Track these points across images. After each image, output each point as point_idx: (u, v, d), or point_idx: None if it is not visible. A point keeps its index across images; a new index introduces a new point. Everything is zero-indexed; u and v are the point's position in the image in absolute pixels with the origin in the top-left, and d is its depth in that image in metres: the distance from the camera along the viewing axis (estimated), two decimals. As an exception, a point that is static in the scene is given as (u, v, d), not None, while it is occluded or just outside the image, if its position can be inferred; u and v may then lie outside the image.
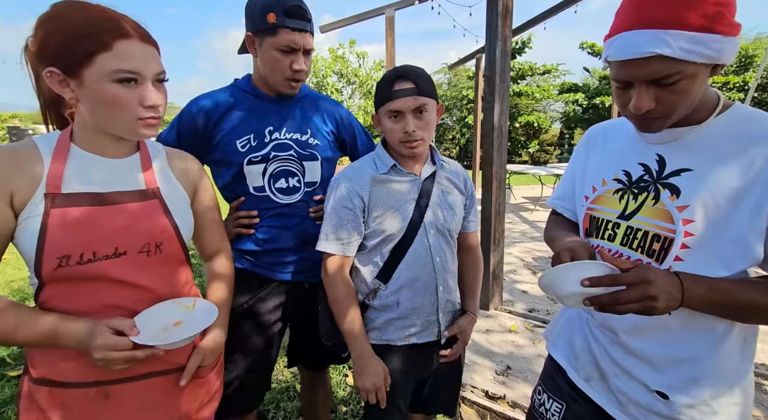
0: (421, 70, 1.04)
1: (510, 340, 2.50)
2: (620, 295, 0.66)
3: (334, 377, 2.20)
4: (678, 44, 0.64)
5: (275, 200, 1.22)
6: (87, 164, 0.79)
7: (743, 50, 14.33)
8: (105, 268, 0.77)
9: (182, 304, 0.86)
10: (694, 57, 0.64)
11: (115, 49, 0.73)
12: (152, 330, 0.79)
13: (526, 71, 16.48)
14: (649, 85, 0.69)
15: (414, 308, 1.10)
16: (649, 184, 0.78)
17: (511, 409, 1.89)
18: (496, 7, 2.52)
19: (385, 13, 4.78)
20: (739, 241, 0.69)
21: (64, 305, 0.77)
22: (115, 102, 0.74)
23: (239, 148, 1.16)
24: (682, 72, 0.66)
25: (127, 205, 0.80)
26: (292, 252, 1.26)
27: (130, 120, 0.77)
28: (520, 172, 7.82)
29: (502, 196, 2.81)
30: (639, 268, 0.68)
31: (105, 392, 0.80)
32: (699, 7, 0.63)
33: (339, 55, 12.35)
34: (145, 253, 0.82)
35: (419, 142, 1.04)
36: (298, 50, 1.12)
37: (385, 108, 1.03)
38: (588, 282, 0.69)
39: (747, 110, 0.73)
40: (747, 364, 0.78)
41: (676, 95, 0.68)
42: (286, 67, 1.13)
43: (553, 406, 0.97)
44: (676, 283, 0.67)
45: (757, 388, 1.97)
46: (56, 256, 0.72)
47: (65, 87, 0.75)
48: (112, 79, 0.73)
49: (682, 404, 0.77)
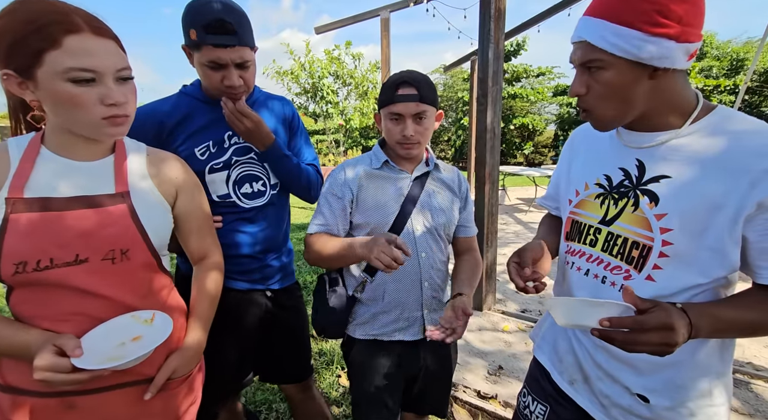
0: (425, 78, 1.08)
1: (502, 339, 2.52)
2: (640, 337, 0.64)
3: (327, 378, 2.20)
4: (600, 33, 0.69)
5: (241, 205, 1.20)
6: (55, 168, 0.76)
7: (734, 54, 14.51)
8: (64, 275, 0.73)
9: (141, 317, 0.81)
10: (613, 49, 0.68)
11: (65, 45, 0.67)
12: (109, 346, 0.74)
13: (521, 73, 16.56)
14: (583, 71, 0.74)
15: (398, 302, 1.13)
16: (629, 190, 0.79)
17: (503, 408, 1.91)
18: (489, 10, 2.54)
19: (380, 14, 4.80)
20: (717, 249, 0.69)
21: (32, 310, 0.75)
22: (72, 103, 0.70)
23: (198, 155, 1.14)
24: (603, 60, 0.70)
25: (90, 210, 0.76)
26: (256, 259, 1.24)
27: (93, 120, 0.73)
28: (514, 174, 7.86)
29: (495, 197, 2.83)
30: (659, 310, 0.65)
31: (69, 403, 0.77)
32: (628, 3, 0.66)
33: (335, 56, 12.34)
34: (110, 259, 0.77)
35: (416, 145, 1.09)
36: (225, 65, 1.06)
37: (387, 110, 1.07)
38: (608, 322, 0.66)
39: (727, 113, 0.73)
40: (726, 367, 0.79)
41: (601, 85, 0.72)
42: (218, 82, 1.08)
43: (537, 408, 0.97)
44: (687, 322, 0.65)
45: (744, 386, 2.00)
46: (12, 262, 0.69)
47: (25, 89, 0.71)
48: (65, 78, 0.68)
49: (662, 407, 0.78)
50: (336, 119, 12.95)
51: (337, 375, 2.25)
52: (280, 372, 1.40)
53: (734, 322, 0.68)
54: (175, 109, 1.14)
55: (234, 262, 1.22)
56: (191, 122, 1.15)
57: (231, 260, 1.21)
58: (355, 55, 12.47)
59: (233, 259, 1.21)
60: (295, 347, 1.39)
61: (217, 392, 1.25)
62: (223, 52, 1.04)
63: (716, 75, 14.25)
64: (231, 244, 1.20)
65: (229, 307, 1.22)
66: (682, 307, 0.67)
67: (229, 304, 1.21)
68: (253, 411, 1.95)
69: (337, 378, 2.22)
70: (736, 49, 14.69)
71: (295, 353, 1.40)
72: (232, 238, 1.20)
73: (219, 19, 1.01)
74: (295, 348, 1.39)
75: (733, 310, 0.69)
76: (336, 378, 2.22)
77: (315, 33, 5.29)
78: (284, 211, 1.36)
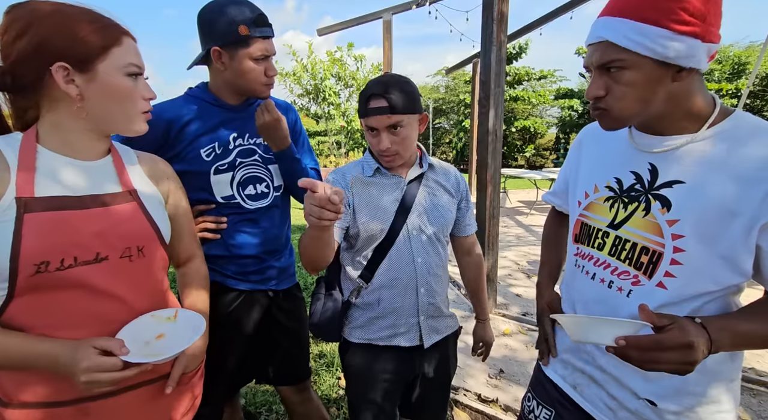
0: (396, 84, 1.02)
1: (504, 343, 2.51)
2: (659, 356, 0.63)
3: (327, 380, 2.20)
4: (623, 32, 0.66)
5: (245, 206, 1.21)
6: (58, 166, 0.75)
7: (736, 58, 14.51)
8: (86, 274, 0.73)
9: (162, 316, 0.82)
10: (638, 47, 0.65)
11: (124, 44, 0.78)
12: (135, 346, 0.75)
13: (523, 76, 16.57)
14: (601, 72, 0.71)
15: (394, 308, 1.12)
16: (640, 194, 0.77)
17: (504, 412, 1.90)
18: (492, 13, 2.54)
19: (382, 17, 4.80)
20: (729, 256, 0.68)
21: (39, 319, 0.72)
22: (128, 95, 0.78)
23: (204, 157, 1.15)
24: (625, 60, 0.67)
25: (104, 208, 0.77)
26: (259, 260, 1.24)
27: (136, 113, 0.81)
28: (515, 177, 7.85)
29: (496, 199, 2.83)
30: (677, 329, 0.63)
31: (84, 410, 0.76)
32: (653, 0, 0.64)
33: (337, 58, 12.37)
34: (128, 257, 0.79)
35: (394, 157, 1.07)
36: (270, 57, 1.14)
37: (363, 122, 1.07)
38: (624, 341, 0.64)
39: (745, 119, 0.70)
40: (736, 373, 0.78)
41: (622, 87, 0.69)
42: (262, 75, 1.14)
43: (542, 413, 0.96)
44: (706, 338, 0.63)
45: (747, 392, 1.99)
46: (34, 263, 0.68)
47: (69, 82, 0.73)
48: (125, 72, 0.77)
49: (670, 411, 0.77)
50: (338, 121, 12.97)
51: (337, 377, 2.24)
52: (279, 373, 1.39)
53: (754, 336, 0.67)
54: (182, 111, 1.15)
55: (237, 263, 1.22)
56: (197, 124, 1.15)
57: (234, 261, 1.21)
58: (357, 56, 12.49)
59: (236, 260, 1.21)
60: (295, 348, 1.39)
61: (219, 392, 1.24)
62: (270, 44, 1.13)
63: (718, 79, 14.25)
64: (234, 245, 1.20)
65: (231, 307, 1.22)
66: (702, 323, 0.65)
67: (230, 305, 1.22)
68: (253, 412, 1.95)
69: (337, 380, 2.22)
70: (738, 53, 14.69)
71: (295, 354, 1.40)
72: (236, 239, 1.20)
73: (263, 14, 1.10)
74: (295, 349, 1.39)
75: (752, 324, 0.67)
76: (336, 380, 2.22)
77: (317, 35, 5.30)
78: (286, 213, 1.36)
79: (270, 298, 1.30)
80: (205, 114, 1.17)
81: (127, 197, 0.81)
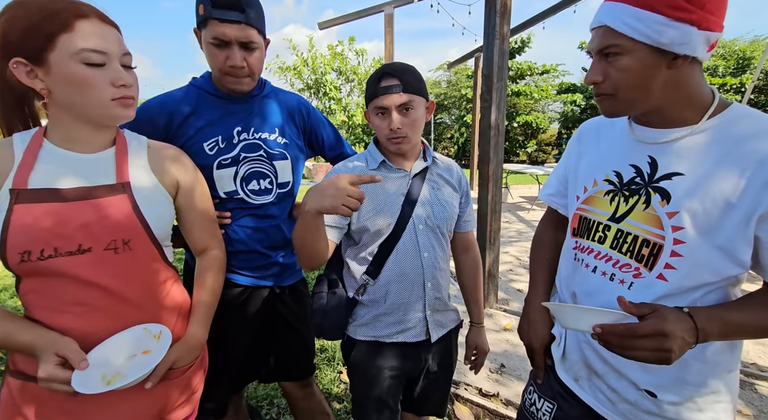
0: (408, 67, 1.04)
1: (504, 338, 2.51)
2: (634, 343, 0.66)
3: (328, 374, 2.20)
4: (621, 17, 0.67)
5: (249, 202, 1.18)
6: (57, 160, 0.78)
7: (741, 52, 14.37)
8: (67, 264, 0.75)
9: (152, 331, 0.83)
10: (633, 32, 0.66)
11: (76, 28, 0.72)
12: (121, 356, 0.78)
13: (525, 71, 16.46)
14: (600, 58, 0.73)
15: (401, 303, 1.11)
16: (640, 187, 0.77)
17: (505, 406, 1.90)
18: (495, 6, 2.51)
19: (384, 10, 4.77)
20: (727, 248, 0.68)
21: (36, 300, 0.78)
22: (85, 83, 0.73)
23: (207, 150, 1.12)
24: (620, 46, 0.68)
25: (92, 201, 0.78)
26: (263, 255, 1.23)
27: (104, 101, 0.76)
28: (517, 172, 7.83)
29: (498, 194, 2.82)
30: (655, 317, 0.66)
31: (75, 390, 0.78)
32: None
33: (338, 52, 12.29)
34: (112, 250, 0.79)
35: (404, 138, 1.05)
36: (229, 43, 1.03)
37: (372, 105, 1.04)
38: (600, 329, 0.69)
39: (743, 111, 0.71)
40: (735, 363, 0.78)
41: (619, 72, 0.70)
42: (221, 62, 1.05)
43: (544, 405, 0.97)
44: (691, 327, 0.65)
45: (748, 386, 1.99)
46: (18, 252, 0.72)
47: (34, 77, 0.73)
48: (79, 60, 0.72)
49: (669, 402, 0.77)
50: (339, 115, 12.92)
51: (339, 371, 2.25)
52: (283, 369, 1.38)
53: (746, 325, 0.68)
54: (184, 101, 1.12)
55: (241, 258, 1.21)
56: (200, 116, 1.13)
57: (238, 256, 1.20)
58: (358, 51, 12.41)
59: (240, 255, 1.20)
60: (299, 344, 1.38)
61: (223, 387, 1.24)
62: (228, 28, 1.01)
63: (722, 73, 14.13)
64: (238, 240, 1.19)
65: (236, 302, 1.21)
66: (689, 312, 0.67)
67: (235, 300, 1.21)
68: (255, 406, 1.96)
69: (338, 374, 2.22)
70: (743, 48, 14.54)
71: (300, 351, 1.39)
72: (239, 234, 1.19)
73: None
74: (299, 345, 1.38)
75: (743, 313, 0.68)
76: (337, 374, 2.22)
77: (318, 28, 5.26)
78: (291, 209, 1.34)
79: (275, 294, 1.29)
80: (209, 105, 1.14)
81: (118, 190, 0.81)
